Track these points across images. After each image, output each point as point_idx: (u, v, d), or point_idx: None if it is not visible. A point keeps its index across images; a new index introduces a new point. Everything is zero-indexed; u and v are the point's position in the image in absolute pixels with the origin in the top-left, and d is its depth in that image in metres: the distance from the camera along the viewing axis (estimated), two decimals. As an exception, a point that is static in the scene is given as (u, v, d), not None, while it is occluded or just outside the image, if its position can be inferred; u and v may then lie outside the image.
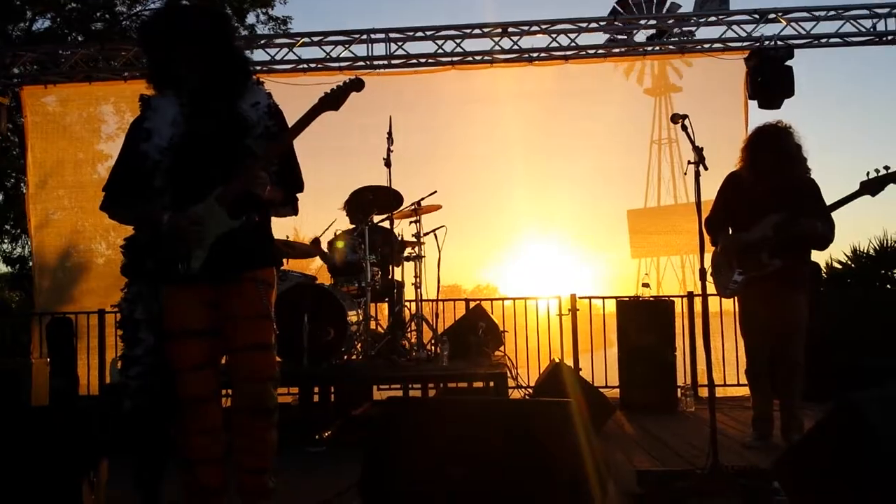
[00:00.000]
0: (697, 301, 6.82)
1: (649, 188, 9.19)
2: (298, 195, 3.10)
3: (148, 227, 2.87)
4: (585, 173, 9.16)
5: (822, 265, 9.54)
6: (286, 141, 2.89)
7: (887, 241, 9.05)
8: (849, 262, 9.34)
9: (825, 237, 4.42)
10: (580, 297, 7.30)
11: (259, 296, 2.87)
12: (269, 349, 2.91)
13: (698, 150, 3.56)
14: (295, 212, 3.11)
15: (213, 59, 2.88)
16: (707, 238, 4.80)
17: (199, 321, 2.83)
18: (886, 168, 4.11)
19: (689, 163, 3.63)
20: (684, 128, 3.67)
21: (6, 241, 15.69)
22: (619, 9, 7.80)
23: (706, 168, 3.56)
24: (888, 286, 8.84)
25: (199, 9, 3.08)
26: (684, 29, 7.71)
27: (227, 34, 2.99)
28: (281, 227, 6.61)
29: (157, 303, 2.91)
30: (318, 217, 6.70)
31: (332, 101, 2.85)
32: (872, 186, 4.15)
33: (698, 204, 3.64)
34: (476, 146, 9.26)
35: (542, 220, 9.87)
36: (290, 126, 2.90)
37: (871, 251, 9.21)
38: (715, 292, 4.78)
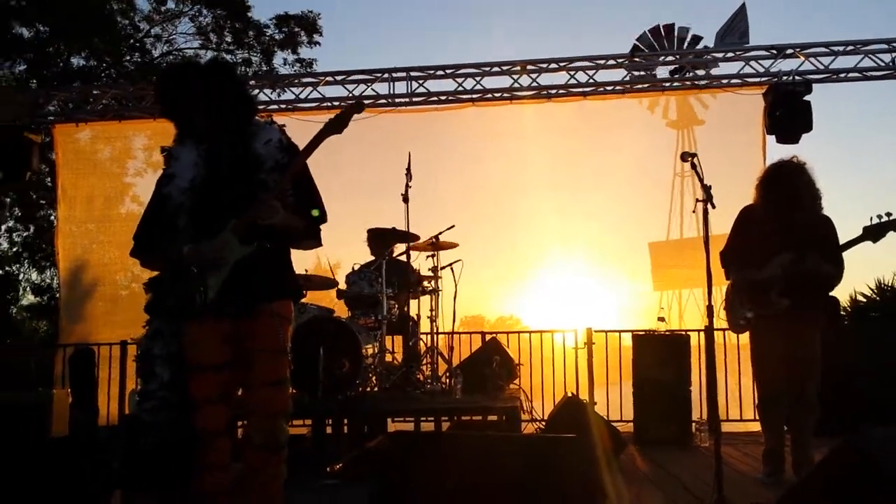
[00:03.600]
0: (716, 335, 6.80)
1: (671, 220, 9.21)
2: (322, 226, 3.17)
3: (171, 265, 2.98)
4: (608, 206, 9.22)
5: (847, 297, 9.47)
6: (294, 168, 2.97)
7: (912, 273, 8.95)
8: (874, 295, 9.24)
9: (832, 279, 4.40)
10: (596, 331, 7.29)
11: (276, 330, 2.95)
12: (283, 384, 2.99)
13: (706, 189, 3.62)
14: (318, 243, 3.20)
15: (221, 108, 3.02)
16: (720, 272, 4.84)
17: (217, 356, 2.91)
18: (889, 214, 4.14)
19: (698, 201, 3.68)
20: (693, 166, 3.72)
21: (35, 271, 16.06)
22: (640, 45, 7.90)
23: (713, 206, 3.61)
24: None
25: (203, 65, 3.25)
26: (704, 64, 7.78)
27: (230, 83, 3.11)
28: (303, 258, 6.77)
29: (175, 340, 3.00)
30: (337, 250, 6.84)
31: (337, 125, 2.96)
32: (874, 232, 4.17)
33: (706, 241, 3.67)
34: (497, 181, 9.36)
35: (565, 252, 9.93)
36: (296, 157, 3.00)
37: (896, 284, 9.10)
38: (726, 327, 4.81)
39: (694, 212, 3.74)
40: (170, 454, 3.08)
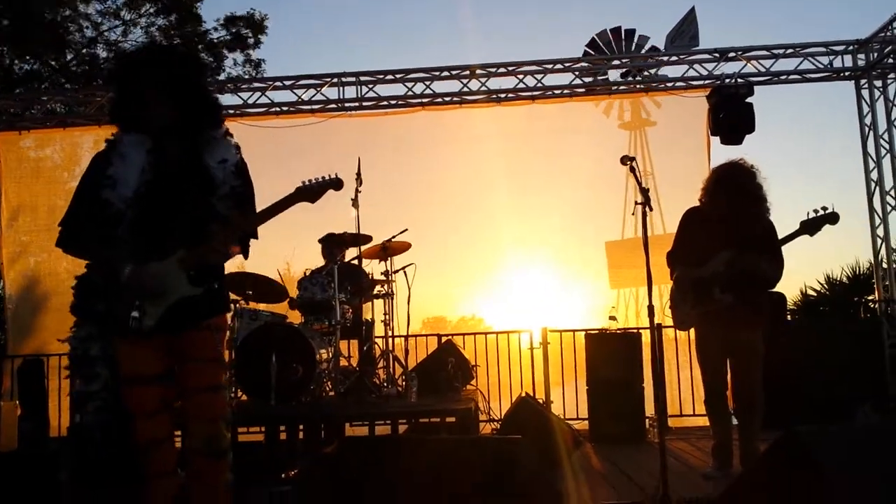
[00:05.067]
0: (666, 332, 6.93)
1: (626, 220, 9.32)
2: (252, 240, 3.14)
3: (105, 272, 2.91)
4: (565, 207, 9.30)
5: (797, 293, 9.74)
6: (254, 224, 2.95)
7: (859, 268, 9.24)
8: (823, 290, 9.51)
9: (768, 277, 4.51)
10: (551, 330, 7.38)
11: (212, 341, 2.94)
12: (220, 390, 2.99)
13: (644, 192, 3.69)
14: (245, 255, 3.15)
15: (184, 101, 2.90)
16: (664, 273, 4.95)
17: (152, 367, 2.88)
18: (824, 209, 4.27)
19: (636, 203, 3.75)
20: (632, 169, 3.80)
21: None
22: (591, 50, 8.01)
23: (651, 209, 3.69)
24: (861, 313, 8.98)
25: (177, 51, 3.15)
26: (652, 69, 7.91)
27: (200, 79, 3.05)
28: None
29: (110, 343, 2.96)
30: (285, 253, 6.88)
31: (310, 195, 2.94)
32: (810, 226, 4.30)
33: (646, 243, 3.75)
34: (450, 184, 9.40)
35: (524, 252, 9.99)
36: (261, 210, 2.95)
37: (845, 279, 9.39)
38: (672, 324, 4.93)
39: (633, 214, 3.82)
40: (118, 462, 3.06)
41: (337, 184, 2.97)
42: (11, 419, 5.79)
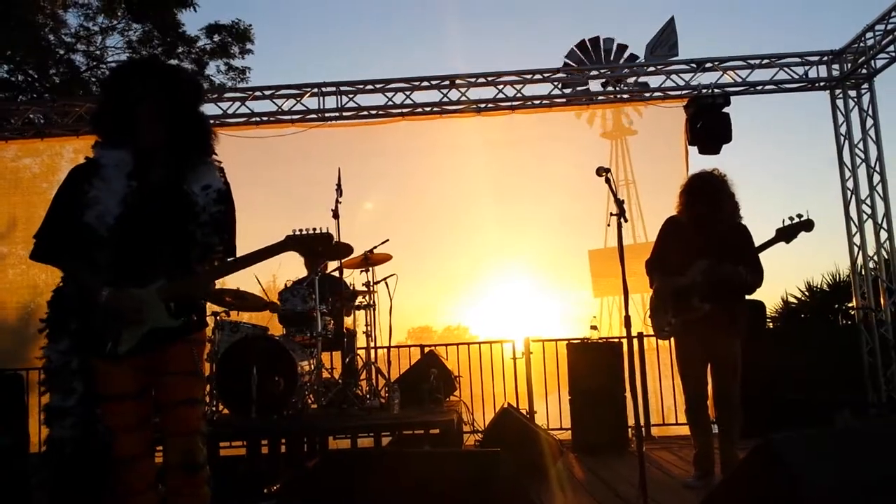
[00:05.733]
0: (649, 341, 6.97)
1: (609, 228, 9.36)
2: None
3: (82, 293, 2.89)
4: (546, 215, 9.36)
5: (779, 300, 9.82)
6: (237, 268, 2.97)
7: (839, 275, 9.33)
8: (804, 297, 9.59)
9: (748, 284, 4.56)
10: (534, 340, 7.40)
11: (190, 354, 2.92)
12: (197, 404, 2.97)
13: (619, 203, 3.72)
14: None
15: (177, 122, 2.87)
16: (646, 281, 5.00)
17: (129, 385, 2.85)
18: (799, 216, 4.32)
19: (612, 214, 3.78)
20: (608, 181, 3.83)
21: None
22: (570, 61, 8.06)
23: (626, 220, 3.71)
24: (841, 320, 9.06)
25: (178, 69, 3.13)
26: (630, 79, 7.97)
27: (197, 102, 3.02)
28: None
29: (87, 357, 2.94)
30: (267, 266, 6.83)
31: (300, 246, 2.97)
32: (786, 234, 4.35)
33: (621, 254, 3.78)
34: (432, 194, 9.44)
35: (508, 262, 10.06)
36: (248, 254, 2.96)
37: (825, 286, 9.48)
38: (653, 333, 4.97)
39: (609, 225, 3.85)
40: (95, 475, 3.03)
41: (328, 239, 2.99)
42: (-11, 435, 5.71)
